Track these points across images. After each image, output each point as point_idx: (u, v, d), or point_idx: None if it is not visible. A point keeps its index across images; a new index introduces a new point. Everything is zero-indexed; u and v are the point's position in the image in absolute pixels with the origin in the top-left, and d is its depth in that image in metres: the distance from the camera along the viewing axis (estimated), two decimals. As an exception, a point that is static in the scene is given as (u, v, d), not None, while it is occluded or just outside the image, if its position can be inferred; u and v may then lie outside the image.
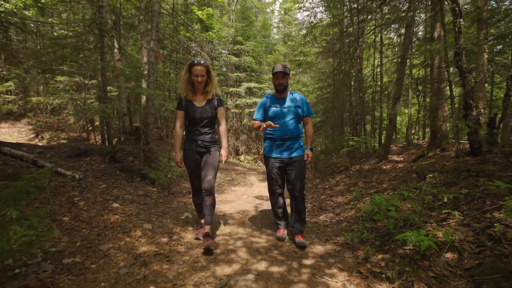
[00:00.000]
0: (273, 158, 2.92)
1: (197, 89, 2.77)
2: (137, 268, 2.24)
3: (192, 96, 2.76)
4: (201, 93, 2.79)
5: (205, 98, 2.79)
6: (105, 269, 2.19)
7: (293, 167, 2.88)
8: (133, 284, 2.01)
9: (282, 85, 2.84)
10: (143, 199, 4.05)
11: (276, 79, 2.84)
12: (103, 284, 1.98)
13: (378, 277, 2.03)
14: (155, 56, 5.61)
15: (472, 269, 1.72)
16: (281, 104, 2.90)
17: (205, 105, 2.77)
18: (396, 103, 5.01)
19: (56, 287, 1.89)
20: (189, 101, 2.76)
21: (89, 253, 2.37)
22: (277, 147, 2.92)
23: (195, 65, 2.66)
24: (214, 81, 2.81)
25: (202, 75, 2.67)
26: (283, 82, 2.83)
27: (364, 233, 2.65)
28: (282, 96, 2.94)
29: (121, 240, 2.70)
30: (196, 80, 2.68)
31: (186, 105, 2.76)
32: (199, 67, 2.65)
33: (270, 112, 2.91)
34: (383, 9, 6.50)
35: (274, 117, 2.88)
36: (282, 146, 2.89)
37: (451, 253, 1.92)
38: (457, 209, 2.29)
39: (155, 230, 3.08)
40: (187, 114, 2.78)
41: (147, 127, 5.44)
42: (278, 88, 2.86)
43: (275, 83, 2.87)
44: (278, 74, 2.81)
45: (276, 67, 2.85)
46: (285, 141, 2.88)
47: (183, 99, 2.77)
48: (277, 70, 2.81)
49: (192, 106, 2.75)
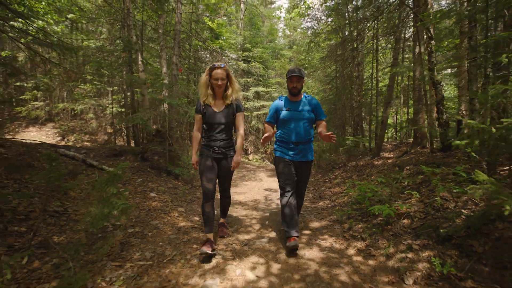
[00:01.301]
0: (286, 159, 2.87)
1: (217, 94, 2.71)
2: (181, 235, 3.08)
3: (211, 101, 2.69)
4: (220, 97, 2.74)
5: (224, 102, 2.73)
6: (158, 235, 3.03)
7: (301, 171, 2.91)
8: (181, 244, 2.84)
9: (296, 88, 2.81)
10: (172, 190, 4.91)
11: (291, 82, 2.80)
12: (160, 244, 2.82)
13: (356, 238, 2.83)
14: (177, 68, 6.47)
15: (417, 228, 2.50)
16: (294, 107, 2.86)
17: (224, 110, 2.71)
18: (387, 107, 5.75)
19: (129, 244, 2.74)
20: (207, 105, 2.70)
21: (144, 226, 3.23)
22: (289, 150, 2.88)
23: (215, 69, 2.61)
24: (234, 86, 2.77)
25: (223, 79, 2.62)
26: (297, 85, 2.80)
27: (350, 211, 3.43)
28: (296, 99, 2.90)
29: (164, 218, 3.55)
30: (216, 84, 2.62)
31: (204, 109, 2.70)
32: (220, 70, 2.61)
33: (283, 115, 2.87)
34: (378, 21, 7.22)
35: (286, 120, 2.86)
36: (295, 150, 2.85)
37: (407, 219, 2.70)
38: (417, 190, 3.06)
39: (188, 212, 3.93)
40: (205, 119, 2.72)
41: (171, 130, 6.31)
42: (292, 91, 2.83)
43: (290, 86, 2.83)
44: (293, 77, 2.78)
45: (292, 71, 2.81)
46: (297, 144, 2.84)
47: (201, 103, 2.71)
48: (293, 74, 2.77)
49: (210, 111, 2.69)
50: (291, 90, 2.83)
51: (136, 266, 2.31)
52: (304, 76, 2.84)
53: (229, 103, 2.74)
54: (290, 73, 2.80)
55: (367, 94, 8.21)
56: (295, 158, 2.86)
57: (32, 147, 4.58)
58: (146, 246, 2.72)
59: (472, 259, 1.91)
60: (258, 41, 13.89)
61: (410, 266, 2.14)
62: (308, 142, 2.90)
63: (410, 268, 2.11)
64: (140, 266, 2.31)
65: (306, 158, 2.89)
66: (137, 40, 7.68)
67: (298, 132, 2.83)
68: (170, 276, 2.18)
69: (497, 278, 1.75)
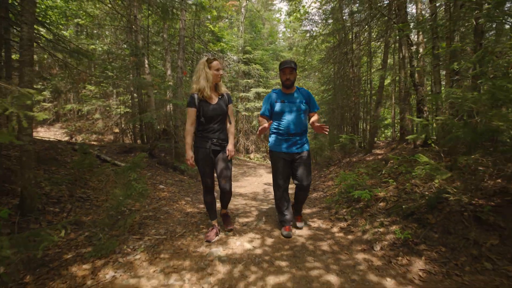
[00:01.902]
0: (280, 152, 2.89)
1: (212, 87, 2.72)
2: (189, 218, 3.53)
3: (208, 94, 2.67)
4: (213, 90, 2.76)
5: (217, 94, 2.78)
6: (169, 218, 3.49)
7: (300, 163, 2.89)
8: (189, 224, 3.29)
9: (289, 80, 2.81)
10: (179, 183, 5.38)
11: (284, 74, 2.80)
12: (171, 224, 3.27)
13: (340, 220, 3.28)
14: (182, 72, 6.94)
15: (389, 209, 2.94)
16: (288, 100, 2.87)
17: (219, 101, 2.75)
18: (377, 107, 6.19)
19: (144, 224, 3.19)
20: (203, 99, 2.68)
21: (156, 211, 3.68)
22: (284, 141, 2.88)
23: (213, 60, 2.67)
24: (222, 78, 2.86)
25: (222, 68, 2.72)
26: (290, 77, 2.80)
27: (338, 198, 3.88)
28: (289, 92, 2.91)
29: (173, 205, 4.01)
30: (217, 74, 2.67)
31: (200, 103, 2.68)
32: (216, 61, 2.68)
33: (277, 107, 2.88)
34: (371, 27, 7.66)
35: (281, 112, 2.86)
36: (289, 141, 2.86)
37: (383, 202, 3.14)
38: (395, 179, 3.51)
39: (194, 201, 4.40)
40: (202, 112, 2.69)
41: (176, 129, 6.78)
42: (285, 83, 2.83)
43: (283, 78, 2.83)
44: (286, 69, 2.77)
45: (284, 62, 2.82)
46: (292, 136, 2.85)
47: (195, 97, 2.66)
48: (285, 65, 2.77)
49: (206, 104, 2.69)
50: (285, 82, 2.84)
51: (153, 239, 2.77)
52: (296, 68, 2.81)
53: (222, 93, 2.80)
54: (283, 65, 2.81)
55: (362, 94, 8.64)
56: (291, 150, 2.87)
57: (54, 144, 5.06)
58: (159, 225, 3.18)
59: (426, 228, 2.35)
60: (259, 44, 14.36)
61: (380, 237, 2.59)
62: (303, 133, 2.92)
63: (380, 239, 2.56)
64: (156, 239, 2.77)
65: (302, 149, 2.89)
66: (143, 44, 8.17)
67: (293, 123, 2.83)
68: (182, 246, 2.63)
69: (443, 241, 2.19)
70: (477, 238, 2.04)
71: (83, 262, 2.19)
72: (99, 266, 2.16)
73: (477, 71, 2.23)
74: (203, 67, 2.66)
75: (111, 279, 2.00)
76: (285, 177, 2.93)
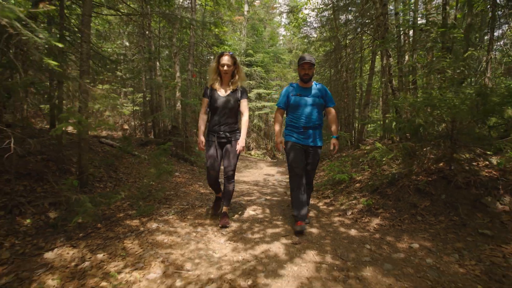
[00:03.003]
0: (295, 143, 2.93)
1: (224, 80, 2.83)
2: (204, 196, 4.36)
3: (218, 86, 2.82)
4: (227, 84, 2.85)
5: (230, 88, 2.85)
6: (188, 196, 4.31)
7: (310, 156, 2.94)
8: (204, 200, 4.11)
9: (307, 75, 2.85)
10: (191, 171, 6.20)
11: (303, 69, 2.85)
12: (190, 199, 4.09)
13: (325, 197, 4.11)
14: (191, 74, 7.76)
15: (362, 187, 3.77)
16: (305, 94, 2.92)
17: (229, 95, 2.81)
18: (365, 108, 7.01)
19: (169, 199, 4.01)
20: (213, 90, 2.83)
21: (176, 191, 4.51)
22: (299, 134, 2.93)
23: (223, 55, 2.76)
24: (241, 73, 2.89)
25: (229, 65, 2.75)
26: (309, 72, 2.84)
27: (325, 183, 4.71)
28: (307, 86, 2.95)
29: (189, 188, 4.84)
30: (223, 70, 2.75)
31: (211, 93, 2.82)
32: (227, 57, 2.75)
33: (293, 101, 2.93)
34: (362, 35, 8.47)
35: (296, 105, 2.91)
36: (305, 134, 2.90)
37: (358, 183, 3.97)
38: (370, 166, 4.33)
39: (205, 185, 5.22)
40: (211, 103, 2.83)
41: (186, 125, 7.61)
42: (303, 77, 2.87)
43: (301, 73, 2.87)
44: (305, 64, 2.81)
45: (303, 57, 2.85)
46: (307, 129, 2.89)
47: (208, 88, 2.86)
48: (305, 60, 2.81)
49: (215, 95, 2.80)
50: (303, 77, 2.88)
51: (179, 208, 3.59)
52: (315, 63, 2.87)
53: (235, 88, 2.85)
54: (302, 60, 2.84)
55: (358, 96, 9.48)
56: (304, 142, 2.91)
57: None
58: (181, 200, 4.01)
59: (385, 198, 3.18)
60: (260, 47, 15.17)
61: (352, 206, 3.42)
62: (318, 127, 2.94)
63: (352, 207, 3.39)
64: (181, 208, 3.60)
65: (315, 143, 2.92)
66: (155, 48, 8.99)
67: (308, 117, 2.87)
68: (201, 212, 3.46)
69: (394, 206, 3.01)
70: (416, 202, 2.86)
71: (132, 219, 3.01)
72: (145, 221, 2.98)
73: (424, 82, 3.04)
74: (214, 61, 2.84)
75: (156, 228, 2.82)
76: (301, 165, 2.89)
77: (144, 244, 2.40)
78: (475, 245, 2.16)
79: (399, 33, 4.08)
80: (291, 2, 16.86)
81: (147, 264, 2.04)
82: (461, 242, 2.24)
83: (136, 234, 2.62)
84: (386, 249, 2.33)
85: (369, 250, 2.33)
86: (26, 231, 2.40)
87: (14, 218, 2.52)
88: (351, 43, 8.79)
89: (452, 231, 2.40)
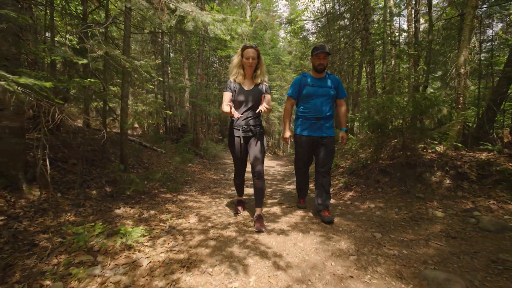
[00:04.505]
0: (305, 136, 2.91)
1: (247, 73, 2.75)
2: (216, 181, 5.32)
3: (242, 79, 2.74)
4: (250, 77, 2.77)
5: (253, 82, 2.77)
6: (203, 181, 5.27)
7: (324, 147, 2.89)
8: (218, 183, 5.07)
9: (322, 65, 2.81)
10: (202, 163, 7.18)
11: (318, 59, 2.80)
12: (206, 183, 5.05)
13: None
14: (200, 77, 8.71)
15: (344, 171, 4.72)
16: (318, 84, 2.87)
17: (253, 89, 2.74)
18: (354, 107, 7.95)
19: (189, 183, 4.98)
20: (238, 84, 2.75)
21: (192, 177, 5.47)
22: (310, 126, 2.90)
23: (248, 48, 2.66)
24: (263, 67, 2.78)
25: (254, 58, 2.65)
26: (324, 62, 2.80)
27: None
28: (320, 76, 2.90)
29: (202, 175, 5.81)
30: (247, 63, 2.65)
31: (235, 87, 2.74)
32: (251, 49, 2.65)
33: (306, 91, 2.88)
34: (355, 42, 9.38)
35: (309, 95, 2.87)
36: (315, 125, 2.88)
37: (342, 169, 4.93)
38: (352, 156, 5.28)
39: (216, 173, 6.19)
40: (236, 96, 2.73)
41: (196, 124, 8.57)
42: (318, 67, 2.82)
43: (316, 63, 2.82)
44: (320, 54, 2.76)
45: (319, 47, 2.79)
46: (318, 120, 2.87)
47: (231, 82, 2.75)
48: (320, 50, 2.75)
49: (241, 89, 2.72)
50: (317, 66, 2.82)
51: (198, 188, 4.56)
52: (330, 53, 2.83)
53: (258, 82, 2.77)
54: (318, 49, 2.78)
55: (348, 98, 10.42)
56: (316, 134, 2.88)
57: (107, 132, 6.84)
58: (198, 183, 4.97)
59: (358, 178, 4.13)
60: (261, 49, 16.10)
61: (334, 185, 4.37)
62: (329, 118, 2.91)
63: (333, 186, 4.34)
64: (200, 188, 4.56)
65: (328, 134, 2.89)
66: (167, 55, 9.94)
67: (321, 108, 2.85)
68: (217, 191, 4.42)
69: (364, 183, 3.96)
70: (379, 179, 3.82)
71: (165, 194, 3.98)
72: (175, 195, 3.95)
73: (389, 88, 3.98)
74: (237, 54, 2.74)
75: (185, 198, 3.78)
76: (307, 161, 3.06)
77: (179, 206, 3.37)
78: (411, 204, 3.11)
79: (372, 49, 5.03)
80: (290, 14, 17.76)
81: (186, 216, 3.00)
82: (402, 202, 3.20)
83: (171, 201, 3.59)
84: (352, 208, 3.29)
85: (340, 209, 3.30)
86: (95, 198, 3.37)
87: (84, 190, 3.49)
88: (343, 48, 9.73)
89: (399, 196, 3.36)
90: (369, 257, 2.02)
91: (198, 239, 2.38)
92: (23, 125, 3.01)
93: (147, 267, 1.90)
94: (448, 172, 3.32)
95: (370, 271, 1.83)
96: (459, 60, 3.60)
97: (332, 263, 1.95)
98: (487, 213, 2.58)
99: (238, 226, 2.73)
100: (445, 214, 2.72)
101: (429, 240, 2.25)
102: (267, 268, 1.90)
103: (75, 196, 3.17)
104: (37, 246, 2.12)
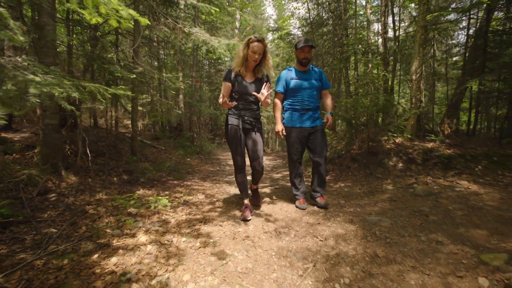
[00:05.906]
0: (296, 128, 2.98)
1: (249, 65, 2.64)
2: (213, 172, 6.07)
3: (243, 71, 2.67)
4: (251, 70, 2.70)
5: (254, 75, 2.72)
6: (202, 172, 6.01)
7: (316, 136, 2.98)
8: (216, 173, 5.82)
9: (307, 58, 2.88)
10: (199, 158, 7.91)
11: (302, 52, 2.87)
12: (205, 173, 5.80)
13: (299, 170, 5.92)
14: (195, 80, 9.41)
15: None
16: (303, 77, 2.95)
17: (255, 82, 2.70)
18: (334, 108, 8.85)
19: (190, 174, 5.71)
20: (239, 75, 2.67)
21: (193, 169, 6.21)
22: (299, 117, 2.98)
23: (255, 41, 2.50)
24: (269, 62, 2.67)
25: (260, 53, 2.55)
26: (308, 56, 2.87)
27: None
28: (305, 69, 2.98)
29: (201, 167, 6.55)
30: (253, 57, 2.55)
31: (235, 78, 2.66)
32: (258, 43, 2.51)
33: (292, 84, 2.94)
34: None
35: (296, 88, 2.94)
36: (304, 116, 2.96)
37: (321, 159, 5.79)
38: (335, 148, 6.15)
39: (213, 165, 6.94)
40: (236, 88, 2.66)
41: (192, 123, 9.28)
42: (303, 61, 2.89)
43: (301, 56, 2.89)
44: (305, 48, 2.84)
45: (303, 41, 2.86)
46: (307, 111, 2.96)
47: (232, 72, 2.66)
48: (305, 44, 2.83)
49: (242, 81, 2.66)
50: (302, 60, 2.90)
51: (199, 177, 5.31)
52: (314, 47, 2.93)
53: (260, 77, 2.72)
54: (303, 43, 2.85)
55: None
56: (305, 125, 2.97)
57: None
58: (199, 174, 5.72)
59: (334, 165, 4.98)
60: (250, 52, 16.86)
61: (314, 172, 5.22)
62: (316, 108, 3.03)
63: (314, 173, 5.20)
64: (201, 177, 5.31)
65: (316, 123, 3.00)
66: (161, 57, 10.59)
67: (308, 99, 2.95)
68: (216, 179, 5.18)
69: (338, 169, 4.81)
70: (350, 165, 4.68)
71: (173, 181, 4.71)
72: (181, 181, 4.69)
73: (358, 91, 4.85)
74: (243, 45, 2.58)
75: (190, 184, 4.53)
76: (299, 152, 3.07)
77: (188, 189, 4.12)
78: (371, 182, 3.98)
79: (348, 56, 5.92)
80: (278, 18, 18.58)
81: (194, 194, 3.76)
82: (365, 181, 4.06)
83: (180, 186, 4.33)
84: (326, 188, 4.12)
85: (317, 188, 4.13)
86: (117, 183, 4.08)
87: (107, 177, 4.19)
88: (325, 54, 10.64)
89: (364, 178, 4.22)
90: (333, 213, 2.86)
91: (208, 208, 3.15)
92: (59, 122, 3.70)
93: (174, 223, 2.65)
94: (401, 157, 4.21)
95: (332, 220, 2.65)
96: (412, 68, 4.50)
97: (307, 217, 2.77)
98: (423, 186, 3.46)
99: (238, 200, 3.52)
100: (393, 187, 3.59)
101: (377, 202, 3.11)
102: (261, 222, 2.69)
103: (102, 181, 3.88)
104: (88, 213, 2.84)
